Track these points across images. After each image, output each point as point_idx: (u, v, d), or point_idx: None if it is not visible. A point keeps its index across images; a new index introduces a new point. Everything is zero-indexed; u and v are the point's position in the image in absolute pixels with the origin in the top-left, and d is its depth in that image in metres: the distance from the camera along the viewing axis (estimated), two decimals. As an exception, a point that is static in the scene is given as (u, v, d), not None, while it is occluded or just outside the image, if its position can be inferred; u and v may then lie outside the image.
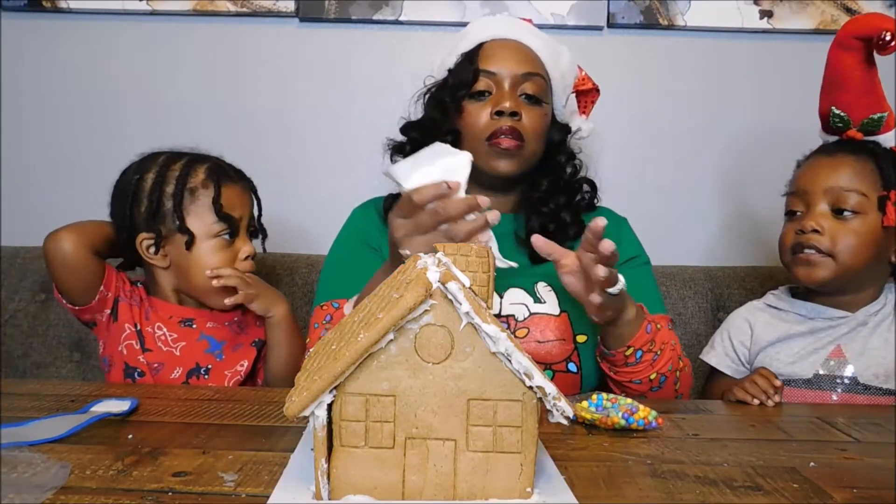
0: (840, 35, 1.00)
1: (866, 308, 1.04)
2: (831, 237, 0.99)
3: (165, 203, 1.01)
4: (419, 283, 0.48)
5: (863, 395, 0.99)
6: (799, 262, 1.03)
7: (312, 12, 1.47)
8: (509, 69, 1.04)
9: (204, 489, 0.53)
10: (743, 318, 1.13)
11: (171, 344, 1.03)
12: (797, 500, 0.54)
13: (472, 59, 1.07)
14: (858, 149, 1.02)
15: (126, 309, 1.04)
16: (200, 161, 1.05)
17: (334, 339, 0.55)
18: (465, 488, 0.50)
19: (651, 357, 0.91)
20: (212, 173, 1.03)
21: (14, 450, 0.60)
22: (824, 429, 0.77)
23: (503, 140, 1.01)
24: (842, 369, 1.01)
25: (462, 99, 1.05)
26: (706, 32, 1.49)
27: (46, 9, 1.47)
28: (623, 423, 0.71)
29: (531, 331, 0.99)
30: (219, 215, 1.02)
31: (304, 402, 0.48)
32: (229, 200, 1.04)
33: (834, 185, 1.00)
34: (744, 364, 1.11)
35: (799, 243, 1.02)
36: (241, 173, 1.10)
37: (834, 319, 1.05)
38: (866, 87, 1.00)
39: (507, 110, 1.02)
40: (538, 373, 0.49)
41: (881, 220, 0.99)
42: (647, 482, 0.57)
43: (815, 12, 1.47)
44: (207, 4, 1.47)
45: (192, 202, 1.02)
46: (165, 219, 1.02)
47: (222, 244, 1.04)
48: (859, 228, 0.99)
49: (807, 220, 1.01)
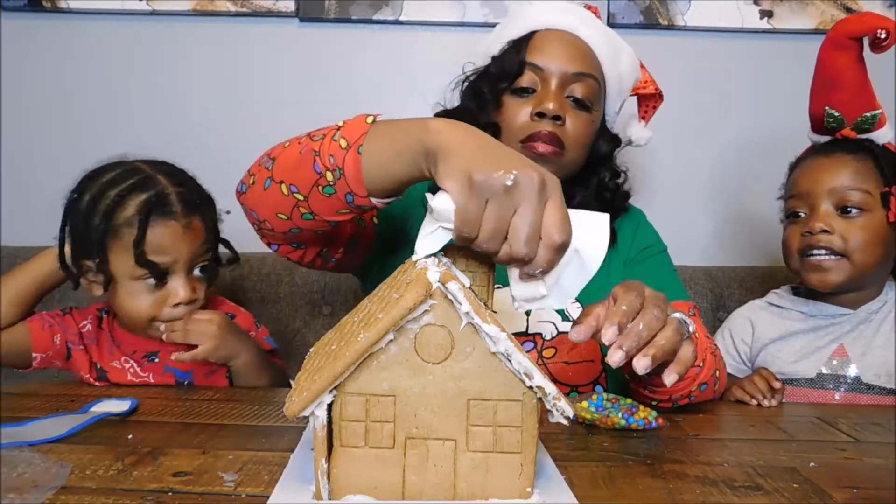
0: (834, 34, 1.00)
1: (868, 305, 1.04)
2: (842, 236, 0.98)
3: (90, 234, 0.90)
4: (419, 283, 0.48)
5: (866, 394, 0.99)
6: (810, 268, 1.01)
7: (312, 12, 1.47)
8: (559, 66, 0.92)
9: (204, 489, 0.53)
10: (744, 316, 1.13)
11: (142, 374, 0.97)
12: (797, 500, 0.54)
13: (519, 48, 0.95)
14: (855, 147, 1.02)
15: (80, 356, 0.97)
16: (142, 189, 0.91)
17: (334, 339, 0.55)
18: (465, 488, 0.50)
19: (695, 371, 0.78)
20: (142, 209, 0.89)
21: (14, 450, 0.59)
22: (824, 429, 0.77)
23: (540, 145, 0.90)
24: (845, 369, 1.01)
25: (503, 92, 0.94)
26: (706, 32, 1.49)
27: (46, 9, 1.47)
28: (623, 423, 0.71)
29: (559, 350, 0.94)
30: (138, 261, 0.88)
31: (304, 402, 0.48)
32: (159, 242, 0.89)
33: (837, 184, 1.00)
34: (745, 362, 1.11)
35: (808, 245, 1.00)
36: (193, 205, 0.94)
37: (836, 317, 1.05)
38: (860, 86, 1.00)
39: (549, 113, 0.90)
40: (538, 373, 0.49)
41: (886, 217, 0.98)
42: (647, 482, 0.57)
43: (815, 12, 1.47)
44: (207, 4, 1.47)
45: (113, 240, 0.89)
46: (90, 251, 0.91)
47: (148, 287, 0.91)
48: (867, 225, 0.98)
49: (814, 221, 1.00)
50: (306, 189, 0.69)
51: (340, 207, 0.69)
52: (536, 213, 0.52)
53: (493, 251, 0.53)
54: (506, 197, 0.52)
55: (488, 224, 0.52)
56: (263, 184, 0.73)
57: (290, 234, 0.77)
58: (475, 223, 0.52)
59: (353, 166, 0.64)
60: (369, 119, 0.66)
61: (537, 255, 0.53)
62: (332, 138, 0.67)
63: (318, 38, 1.50)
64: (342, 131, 0.67)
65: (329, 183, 0.67)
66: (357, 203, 0.67)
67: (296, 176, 0.70)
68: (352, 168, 0.64)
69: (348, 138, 0.65)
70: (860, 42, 0.97)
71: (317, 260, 0.87)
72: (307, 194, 0.69)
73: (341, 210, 0.70)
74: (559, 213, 0.53)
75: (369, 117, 0.66)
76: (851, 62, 0.99)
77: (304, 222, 0.73)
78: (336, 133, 0.67)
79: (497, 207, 0.52)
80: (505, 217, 0.52)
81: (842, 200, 0.99)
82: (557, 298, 0.57)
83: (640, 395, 0.79)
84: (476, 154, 0.54)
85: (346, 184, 0.65)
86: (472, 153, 0.54)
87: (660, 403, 0.79)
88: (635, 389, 0.79)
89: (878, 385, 0.99)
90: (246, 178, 0.77)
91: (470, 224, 0.52)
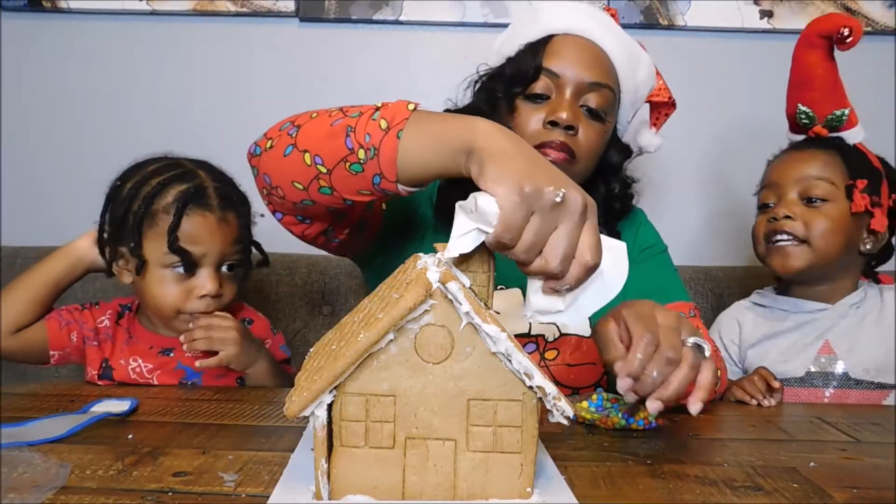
0: (806, 33, 1.04)
1: (845, 300, 1.07)
2: (804, 222, 1.03)
3: (129, 219, 0.93)
4: (419, 283, 0.48)
5: (855, 389, 1.02)
6: (774, 253, 1.06)
7: (312, 12, 1.47)
8: (575, 74, 0.90)
9: (204, 489, 0.53)
10: (732, 317, 1.16)
11: (147, 375, 0.98)
12: (797, 500, 0.54)
13: (536, 52, 0.92)
14: (826, 144, 1.07)
15: (92, 352, 0.99)
16: (181, 181, 0.95)
17: (334, 339, 0.55)
18: (465, 488, 0.50)
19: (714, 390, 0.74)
20: (180, 198, 0.92)
21: (14, 450, 0.59)
22: (824, 429, 0.77)
23: (550, 152, 0.88)
24: (832, 366, 1.03)
25: (516, 97, 0.92)
26: (706, 32, 1.49)
27: (46, 9, 1.47)
28: (623, 423, 0.71)
29: (561, 352, 0.94)
30: (171, 247, 0.90)
31: (304, 402, 0.48)
32: (193, 231, 0.92)
33: (804, 174, 1.05)
34: (736, 363, 1.12)
35: (773, 230, 1.05)
36: (229, 200, 0.97)
37: (815, 312, 1.08)
38: (830, 84, 1.05)
39: (562, 122, 0.88)
40: (538, 373, 0.49)
41: (849, 208, 1.03)
42: (647, 482, 0.57)
43: (815, 12, 1.46)
44: (207, 4, 1.47)
45: (150, 226, 0.92)
46: (126, 236, 0.93)
47: (177, 277, 0.93)
48: (830, 214, 1.03)
49: (779, 207, 1.05)
50: (332, 162, 0.68)
51: (363, 187, 0.68)
52: (575, 233, 0.54)
53: (527, 262, 0.55)
54: (551, 212, 0.54)
55: (529, 235, 0.53)
56: (284, 150, 0.72)
57: (300, 205, 0.75)
58: (518, 231, 0.53)
59: (389, 149, 0.64)
60: (410, 106, 0.66)
61: (568, 273, 0.55)
62: (371, 117, 0.66)
63: (318, 38, 1.50)
64: (382, 112, 0.66)
65: (359, 161, 0.66)
66: (382, 186, 0.67)
67: (324, 147, 0.68)
68: (388, 151, 0.64)
69: (389, 120, 0.65)
70: (830, 41, 1.01)
71: (320, 237, 0.85)
72: (332, 167, 0.68)
73: (363, 190, 0.69)
74: (595, 236, 0.55)
75: (410, 104, 0.66)
76: (821, 60, 1.03)
77: (320, 196, 0.72)
78: (375, 113, 0.66)
79: (541, 221, 0.54)
80: (546, 232, 0.54)
81: (807, 190, 1.04)
82: (572, 315, 0.59)
83: None
84: (527, 164, 0.55)
85: (377, 165, 0.65)
86: (523, 163, 0.56)
87: None
88: None
89: (866, 380, 1.02)
90: (262, 140, 0.76)
91: (513, 231, 0.53)
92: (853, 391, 1.01)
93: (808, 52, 1.04)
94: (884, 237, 1.07)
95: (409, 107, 0.66)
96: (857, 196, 1.02)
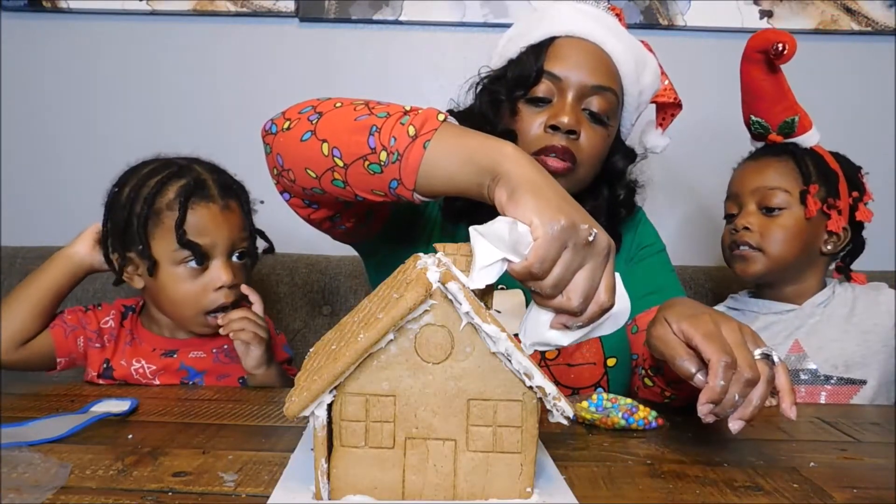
0: (746, 50, 1.10)
1: (812, 300, 1.12)
2: (760, 233, 1.09)
3: (133, 222, 0.93)
4: (419, 283, 0.48)
5: (825, 385, 1.05)
6: (736, 259, 1.12)
7: (312, 12, 1.47)
8: (578, 77, 0.88)
9: (204, 489, 0.53)
10: None
11: (149, 376, 0.98)
12: (797, 500, 0.54)
13: (538, 54, 0.90)
14: (780, 150, 1.13)
15: (94, 354, 0.99)
16: (179, 177, 0.95)
17: (334, 339, 0.55)
18: (465, 488, 0.50)
19: None
20: (182, 192, 0.93)
21: (14, 450, 0.59)
22: (824, 429, 0.77)
23: (551, 160, 0.86)
24: (803, 363, 1.07)
25: (517, 100, 0.91)
26: (706, 32, 1.49)
27: (46, 9, 1.47)
28: (623, 423, 0.71)
29: (561, 352, 0.93)
30: (180, 242, 0.91)
31: (304, 402, 0.48)
32: (200, 223, 0.93)
33: (760, 185, 1.11)
34: None
35: (734, 241, 1.12)
36: (230, 189, 0.99)
37: (783, 313, 1.12)
38: (777, 94, 1.10)
39: (564, 127, 0.86)
40: (538, 373, 0.49)
41: (804, 213, 1.08)
42: (647, 482, 0.57)
43: (815, 12, 1.47)
44: (207, 4, 1.47)
45: (156, 225, 0.93)
46: (132, 240, 0.94)
47: (191, 272, 0.94)
48: (785, 223, 1.08)
49: (739, 219, 1.12)
50: (350, 158, 0.67)
51: (378, 188, 0.67)
52: (598, 273, 0.55)
53: (551, 296, 0.55)
54: (581, 250, 0.54)
55: (559, 269, 0.53)
56: (302, 134, 0.70)
57: (310, 191, 0.74)
58: (550, 264, 0.53)
59: (413, 158, 0.63)
60: (441, 116, 0.65)
61: (585, 312, 0.55)
62: (400, 121, 0.65)
63: (318, 38, 1.50)
64: (412, 118, 0.65)
65: (380, 162, 0.65)
66: (398, 192, 0.66)
67: (344, 141, 0.67)
68: (412, 159, 0.63)
69: (417, 128, 0.64)
70: (767, 55, 1.06)
71: (325, 223, 0.84)
72: (349, 163, 0.67)
73: (377, 191, 0.68)
74: (612, 278, 0.56)
75: (441, 114, 0.65)
76: (765, 73, 1.09)
77: (332, 187, 0.71)
78: (405, 117, 0.65)
79: (572, 257, 0.54)
80: (574, 268, 0.54)
81: (764, 200, 1.10)
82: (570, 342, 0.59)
83: (656, 393, 0.80)
84: (558, 198, 0.55)
85: (398, 170, 0.64)
86: (555, 196, 0.55)
87: (673, 401, 0.79)
88: (653, 386, 0.79)
89: (836, 375, 1.05)
90: (280, 120, 0.74)
91: (546, 264, 0.53)
92: (826, 387, 1.05)
93: (751, 67, 1.09)
94: (846, 236, 1.11)
95: (440, 117, 0.65)
96: (810, 201, 1.07)
